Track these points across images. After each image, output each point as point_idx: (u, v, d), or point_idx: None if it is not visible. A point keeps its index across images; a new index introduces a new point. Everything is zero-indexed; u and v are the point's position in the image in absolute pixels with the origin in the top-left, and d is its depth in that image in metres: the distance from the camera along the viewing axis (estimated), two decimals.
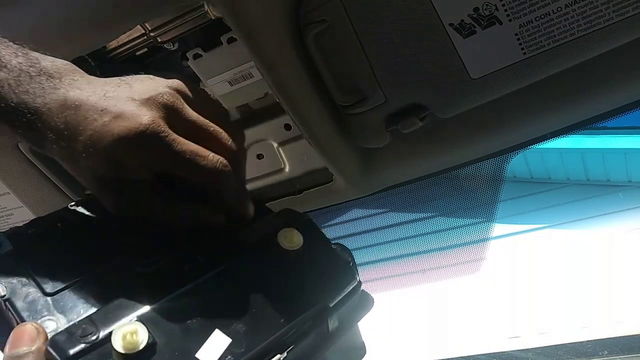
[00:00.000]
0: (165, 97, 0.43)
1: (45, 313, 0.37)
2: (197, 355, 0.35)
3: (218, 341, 0.36)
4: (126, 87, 0.44)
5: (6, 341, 0.34)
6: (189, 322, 0.36)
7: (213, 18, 0.53)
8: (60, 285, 0.39)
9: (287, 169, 0.72)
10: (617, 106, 0.59)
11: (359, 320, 0.45)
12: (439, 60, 0.54)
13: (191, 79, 0.64)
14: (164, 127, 0.42)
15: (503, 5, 0.50)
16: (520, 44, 0.52)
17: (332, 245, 0.46)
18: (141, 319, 0.35)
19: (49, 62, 0.43)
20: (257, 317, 0.38)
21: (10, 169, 0.74)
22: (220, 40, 0.59)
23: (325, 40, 0.55)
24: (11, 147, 0.71)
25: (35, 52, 0.43)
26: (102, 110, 0.42)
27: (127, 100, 0.42)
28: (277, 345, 0.38)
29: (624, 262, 2.50)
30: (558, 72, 0.53)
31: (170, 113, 0.43)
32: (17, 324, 0.36)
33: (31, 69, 0.41)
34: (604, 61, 0.53)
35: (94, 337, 0.34)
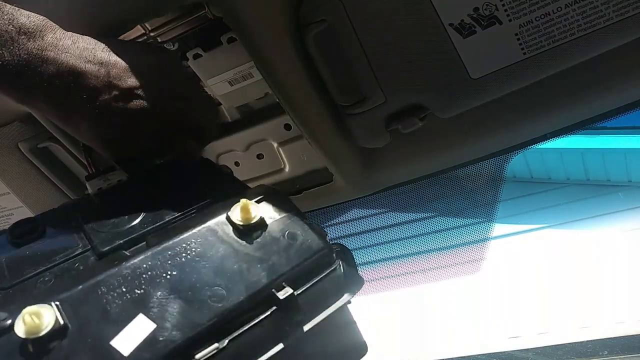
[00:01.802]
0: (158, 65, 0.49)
1: None
2: (113, 342, 0.31)
3: (140, 327, 0.32)
4: (111, 55, 0.46)
5: None
6: (111, 306, 0.33)
7: (213, 18, 0.53)
8: (17, 279, 0.37)
9: (287, 169, 0.72)
10: (617, 106, 0.59)
11: (340, 304, 0.38)
12: (439, 60, 0.54)
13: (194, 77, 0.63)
14: (170, 103, 0.47)
15: (503, 5, 0.50)
16: (520, 44, 0.52)
17: (309, 222, 0.41)
18: (59, 303, 0.32)
19: (24, 17, 0.42)
20: (194, 301, 0.34)
21: (10, 169, 0.74)
22: (220, 40, 0.59)
23: (325, 40, 0.55)
24: (11, 147, 0.71)
25: (7, 5, 0.42)
26: (107, 85, 0.44)
27: (128, 71, 0.45)
28: (216, 331, 0.33)
29: (624, 262, 2.50)
30: (558, 72, 0.53)
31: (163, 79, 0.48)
32: None
33: (10, 27, 0.41)
34: (604, 61, 0.53)
35: (6, 323, 0.31)
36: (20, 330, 0.31)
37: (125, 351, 0.31)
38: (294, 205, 0.42)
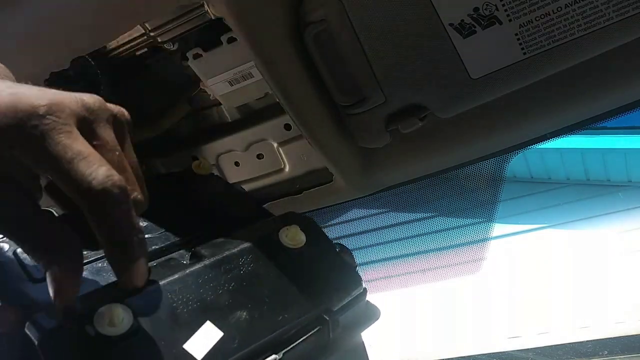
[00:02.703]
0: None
1: (29, 298, 0.35)
2: (185, 346, 0.33)
3: (209, 334, 0.34)
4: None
5: None
6: (179, 311, 0.34)
7: (213, 18, 0.53)
8: None
9: (287, 169, 0.72)
10: (617, 106, 0.59)
11: (362, 331, 0.43)
12: (439, 60, 0.54)
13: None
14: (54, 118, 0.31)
15: (503, 5, 0.50)
16: (520, 44, 0.52)
17: (336, 249, 0.44)
18: (128, 303, 0.33)
19: None
20: (254, 313, 0.36)
21: None
22: (220, 40, 0.59)
23: (325, 40, 0.55)
24: None
25: None
26: None
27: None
28: (274, 344, 0.36)
29: (624, 262, 2.50)
30: (558, 72, 0.53)
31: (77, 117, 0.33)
32: None
33: None
34: (604, 61, 0.53)
35: (81, 317, 0.32)
36: (100, 326, 0.31)
37: (199, 355, 0.32)
38: (323, 232, 0.45)
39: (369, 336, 0.45)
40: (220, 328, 0.34)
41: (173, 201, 0.48)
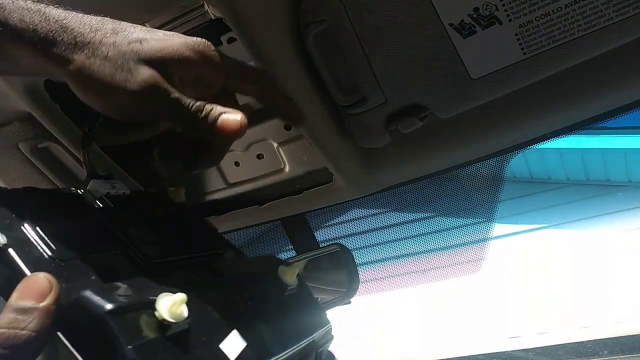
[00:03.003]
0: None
1: (53, 274, 0.33)
2: (221, 345, 0.35)
3: (237, 340, 0.37)
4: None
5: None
6: (214, 314, 0.37)
7: (213, 18, 0.54)
8: (70, 253, 0.36)
9: (287, 169, 0.72)
10: (617, 106, 0.59)
11: None
12: (439, 60, 0.54)
13: None
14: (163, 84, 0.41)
15: (503, 5, 0.50)
16: (520, 44, 0.52)
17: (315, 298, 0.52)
18: (187, 298, 0.35)
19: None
20: (265, 331, 0.40)
21: (10, 169, 0.74)
22: (220, 40, 0.59)
23: (325, 40, 0.55)
24: (11, 147, 0.71)
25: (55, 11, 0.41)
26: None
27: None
28: None
29: (624, 262, 2.51)
30: (558, 72, 0.53)
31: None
32: (20, 277, 0.31)
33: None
34: (604, 61, 0.53)
35: (136, 298, 0.33)
36: (164, 311, 0.33)
37: (232, 356, 0.36)
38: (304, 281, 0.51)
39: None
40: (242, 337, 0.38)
41: (152, 219, 0.49)
